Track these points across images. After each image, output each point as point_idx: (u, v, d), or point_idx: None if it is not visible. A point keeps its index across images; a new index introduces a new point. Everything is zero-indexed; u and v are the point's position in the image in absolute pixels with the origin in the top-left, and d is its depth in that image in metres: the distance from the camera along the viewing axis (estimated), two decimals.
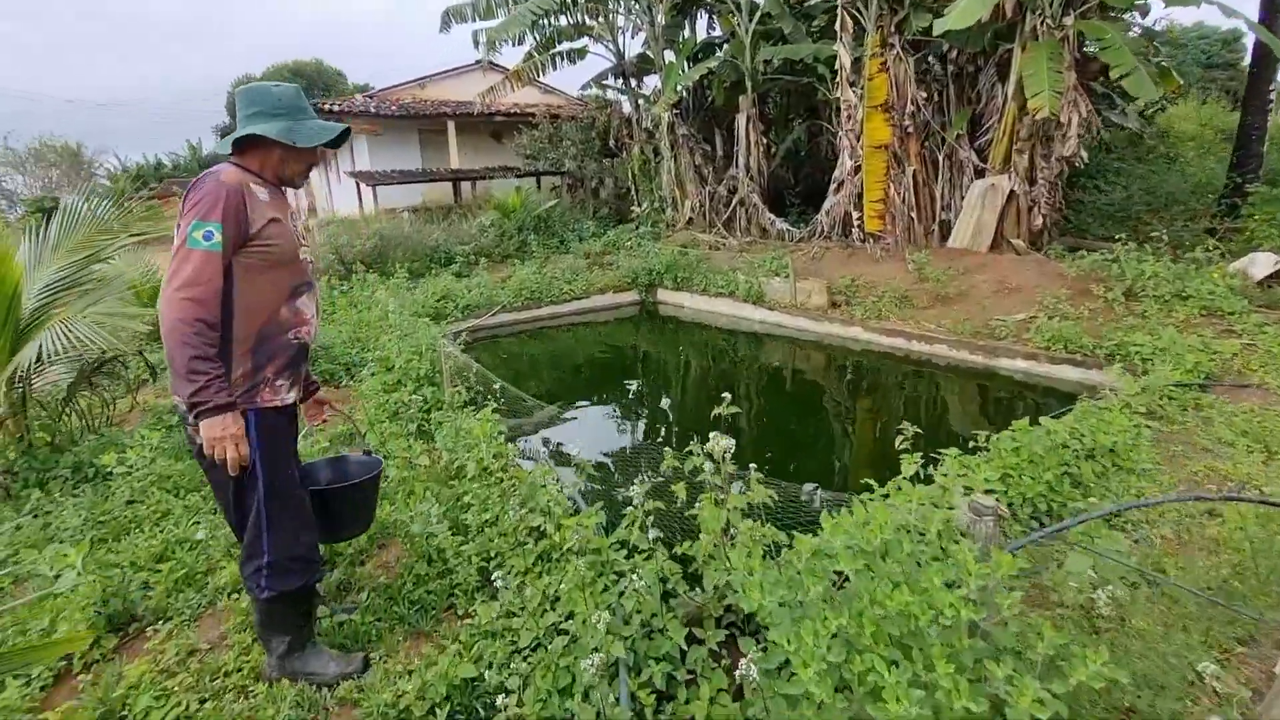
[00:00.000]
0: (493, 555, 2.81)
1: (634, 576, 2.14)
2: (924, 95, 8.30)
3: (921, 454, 2.49)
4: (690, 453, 2.55)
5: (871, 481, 2.84)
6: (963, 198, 8.41)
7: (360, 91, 21.80)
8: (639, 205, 12.48)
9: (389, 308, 5.84)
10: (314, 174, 16.26)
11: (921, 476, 2.53)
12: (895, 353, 6.80)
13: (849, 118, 8.38)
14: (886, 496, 2.72)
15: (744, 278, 8.49)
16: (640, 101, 12.55)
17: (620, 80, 12.93)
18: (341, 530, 2.43)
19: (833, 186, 9.39)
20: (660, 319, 9.41)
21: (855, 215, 8.79)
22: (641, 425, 5.98)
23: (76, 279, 3.87)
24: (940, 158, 8.54)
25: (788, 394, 6.46)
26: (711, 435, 1.91)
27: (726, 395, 2.54)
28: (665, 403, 2.88)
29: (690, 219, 11.64)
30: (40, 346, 3.44)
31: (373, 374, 4.90)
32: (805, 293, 7.71)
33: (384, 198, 14.48)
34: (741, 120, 10.76)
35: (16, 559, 2.94)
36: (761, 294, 8.22)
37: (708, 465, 1.92)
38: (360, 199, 14.35)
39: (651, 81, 13.32)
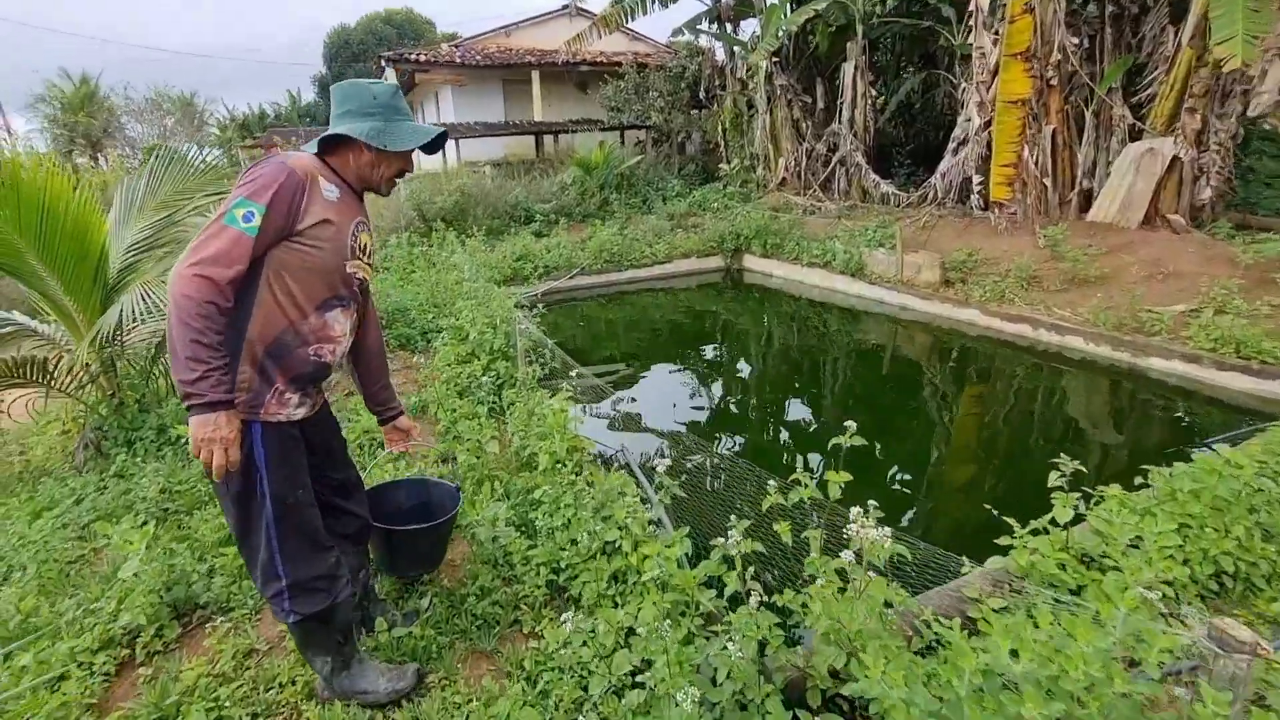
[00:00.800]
0: (562, 567, 2.53)
1: (729, 644, 1.78)
2: (1074, 41, 7.08)
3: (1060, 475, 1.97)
4: (797, 482, 2.16)
5: (1013, 522, 2.34)
6: (1110, 163, 7.22)
7: (448, 40, 21.66)
8: (728, 163, 11.71)
9: (464, 274, 5.62)
10: None
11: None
12: (1018, 342, 5.98)
13: (980, 67, 7.28)
14: (1034, 550, 2.24)
15: (842, 247, 7.75)
16: (736, 49, 11.61)
17: (715, 25, 11.99)
18: (406, 568, 2.28)
19: (951, 146, 8.33)
20: (745, 288, 8.83)
21: (977, 180, 7.76)
22: (720, 400, 5.57)
23: (157, 239, 3.82)
24: (1087, 116, 7.33)
25: (884, 381, 5.83)
26: (853, 512, 1.47)
27: (851, 424, 2.08)
28: (745, 372, 2.46)
29: (784, 179, 10.79)
30: (126, 307, 3.40)
31: (445, 344, 4.70)
32: (913, 267, 6.91)
33: (466, 151, 14.37)
34: (848, 69, 9.72)
35: (96, 527, 2.93)
36: (861, 265, 7.47)
37: (847, 555, 1.48)
38: (443, 152, 14.29)
39: (750, 27, 12.29)
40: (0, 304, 5.83)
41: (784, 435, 4.83)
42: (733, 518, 2.12)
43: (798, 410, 5.25)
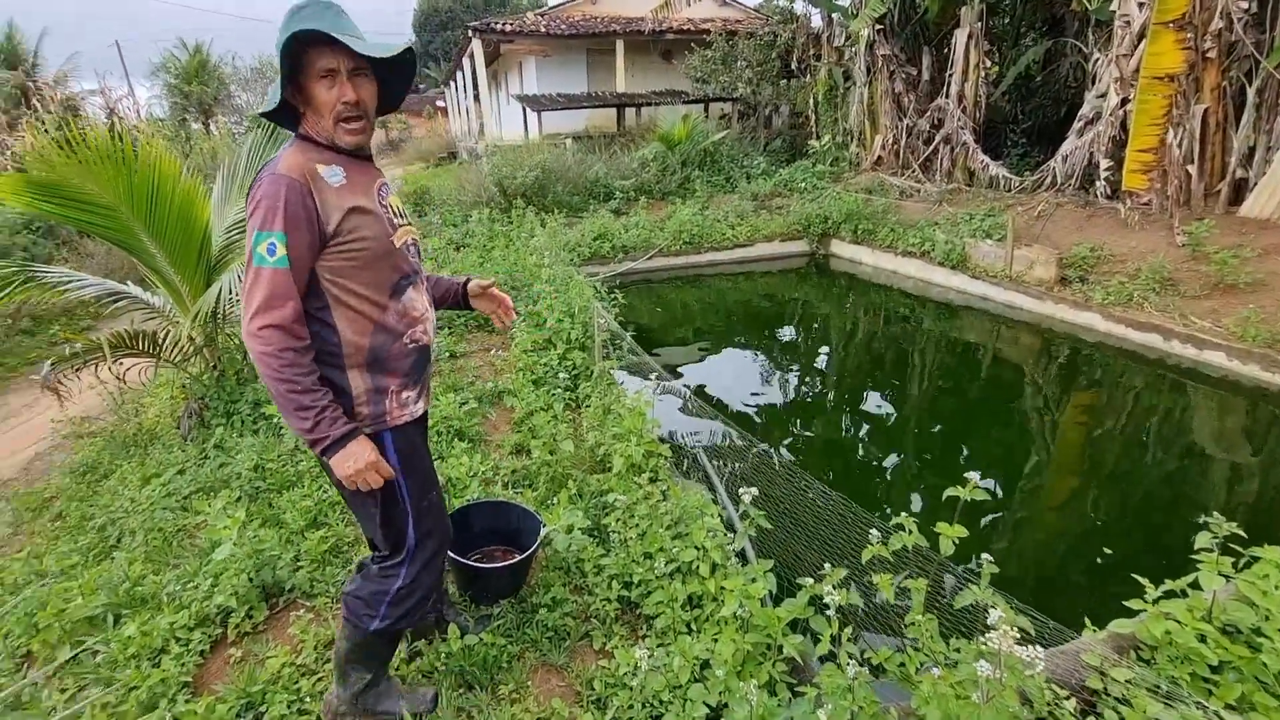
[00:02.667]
0: (635, 582, 2.44)
1: (819, 712, 1.61)
2: (1243, 5, 6.10)
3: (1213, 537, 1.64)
4: (900, 527, 1.95)
5: (1144, 582, 2.03)
6: (1271, 148, 6.25)
7: (534, 8, 21.54)
8: (818, 139, 11.07)
9: (544, 259, 5.54)
10: (484, 94, 16.58)
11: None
12: (1145, 353, 5.33)
13: (1121, 37, 6.42)
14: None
15: (943, 235, 7.16)
16: (835, 15, 10.86)
17: None
18: (485, 598, 2.32)
19: (1077, 125, 7.47)
20: (831, 275, 8.38)
21: (1106, 165, 6.93)
22: (799, 394, 5.30)
23: None
24: (1249, 93, 6.35)
25: (983, 384, 5.36)
26: (992, 615, 1.25)
27: (973, 475, 1.83)
28: (827, 365, 2.24)
29: (880, 158, 10.09)
30: (224, 286, 3.52)
31: (523, 329, 4.66)
32: (1025, 261, 6.29)
33: (548, 123, 14.31)
34: (960, 37, 8.87)
35: (195, 501, 3.08)
36: (964, 257, 6.89)
37: (982, 668, 1.27)
38: (525, 124, 14.30)
39: None
40: (110, 274, 6.29)
41: (868, 438, 4.54)
42: (827, 566, 1.94)
43: (884, 410, 4.91)
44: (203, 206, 3.66)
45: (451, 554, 2.23)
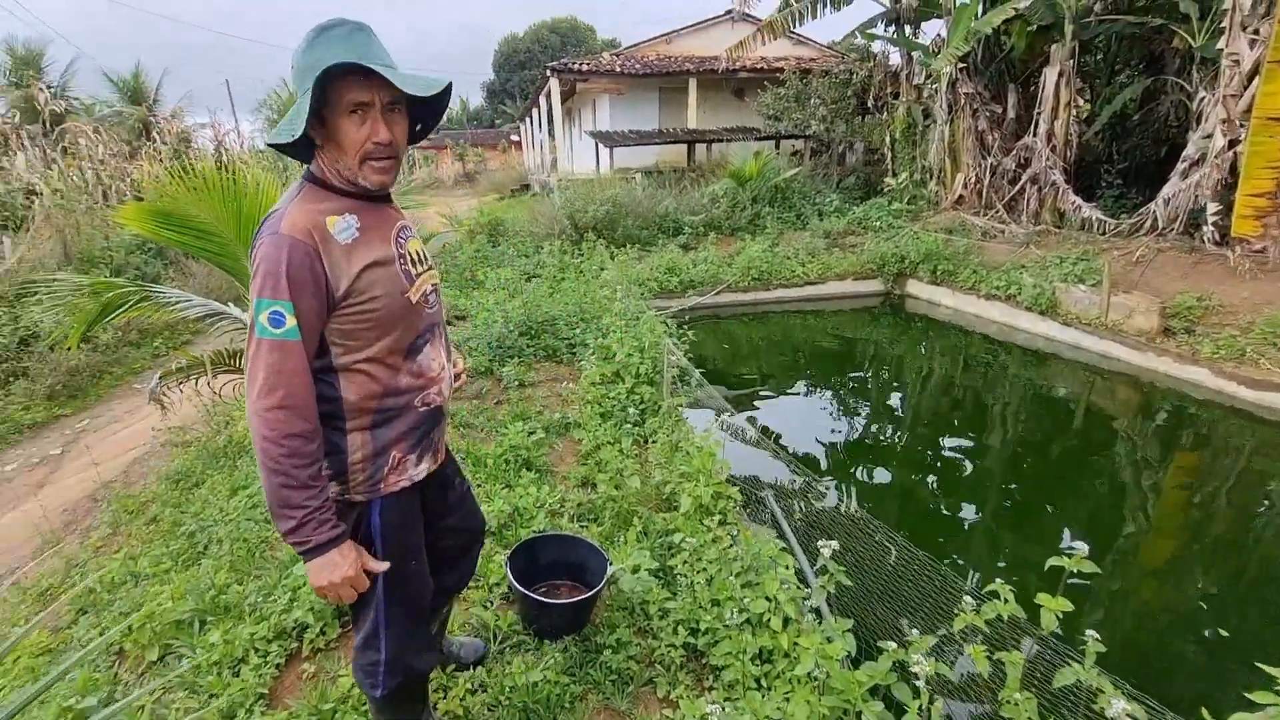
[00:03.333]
0: (702, 629, 2.34)
1: None
2: None
3: None
4: (995, 594, 1.81)
5: (1273, 673, 1.78)
6: None
7: (608, 45, 22.35)
8: (895, 176, 10.86)
9: (615, 293, 5.61)
10: (558, 129, 17.24)
11: None
12: (1262, 415, 4.84)
13: (1230, 76, 6.02)
14: None
15: (1031, 279, 6.81)
16: (914, 54, 10.73)
17: (893, 28, 11.17)
18: (549, 634, 2.30)
19: (1180, 166, 7.01)
20: (907, 316, 8.09)
21: (1213, 209, 6.45)
22: (870, 436, 5.08)
23: None
24: None
25: (1075, 438, 4.98)
26: (1115, 707, 1.12)
27: (1080, 545, 1.67)
28: (900, 409, 2.10)
29: (961, 197, 9.78)
30: None
31: (592, 362, 4.69)
32: (1124, 309, 5.88)
33: (619, 158, 14.67)
34: (1050, 75, 8.55)
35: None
36: (1054, 302, 6.51)
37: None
38: (597, 158, 14.72)
39: (932, 29, 11.34)
40: (209, 293, 6.78)
41: (944, 489, 4.28)
42: (911, 630, 1.81)
43: (963, 460, 4.64)
44: None
45: (518, 584, 2.22)
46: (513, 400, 4.42)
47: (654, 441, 3.80)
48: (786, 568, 2.39)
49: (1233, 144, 6.19)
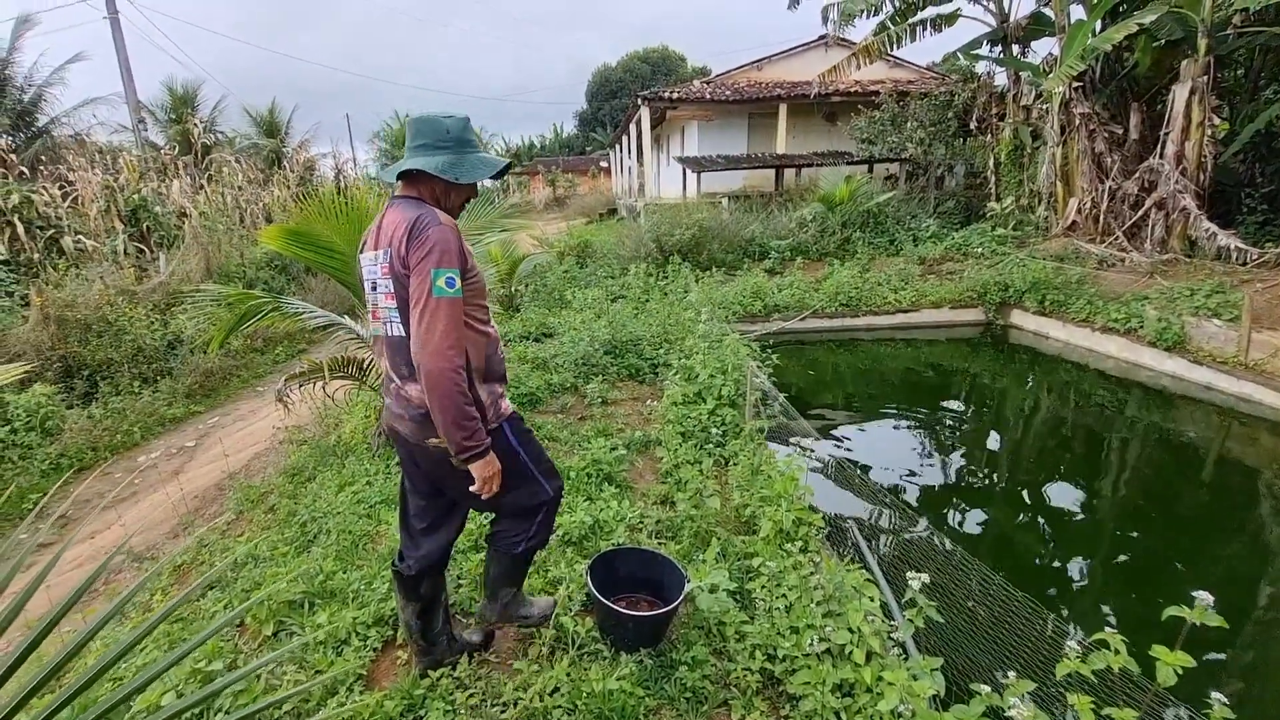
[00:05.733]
0: (779, 655, 2.28)
1: None
2: None
3: None
4: (1104, 644, 1.68)
5: None
6: None
7: (699, 74, 22.72)
8: (999, 201, 10.31)
9: (699, 315, 5.64)
10: (647, 155, 17.58)
11: None
12: None
13: None
14: None
15: (1155, 312, 6.23)
16: (1021, 74, 10.21)
17: (999, 48, 10.71)
18: (627, 645, 2.34)
19: None
20: (1010, 348, 7.60)
21: None
22: (966, 475, 4.77)
23: None
24: None
25: (1206, 488, 4.46)
26: None
27: (1204, 595, 1.51)
28: (1001, 448, 1.96)
29: (1074, 223, 9.13)
30: None
31: (675, 382, 4.73)
32: (1268, 347, 5.25)
33: (705, 183, 14.79)
34: (1181, 93, 7.88)
35: (380, 510, 3.43)
36: (1182, 337, 5.92)
37: None
38: (685, 183, 14.91)
39: (1042, 48, 10.78)
40: (325, 305, 7.40)
41: (1050, 536, 3.95)
42: (1008, 674, 1.69)
43: (1073, 506, 4.27)
44: None
45: (598, 594, 2.26)
46: (596, 416, 4.52)
47: (735, 464, 3.77)
48: (871, 599, 2.29)
49: None
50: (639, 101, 16.12)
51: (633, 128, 18.86)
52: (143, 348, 6.89)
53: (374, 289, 1.82)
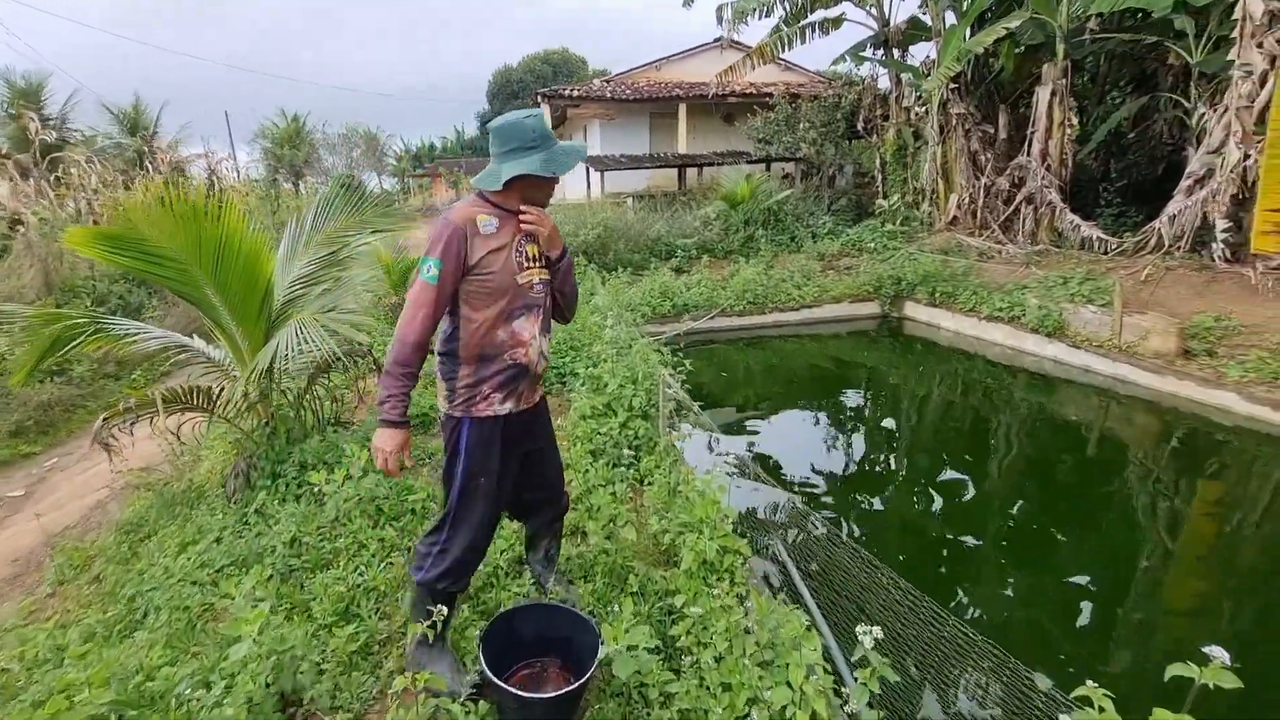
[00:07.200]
0: None
1: None
2: None
3: None
4: (1085, 701, 1.51)
5: None
6: None
7: (599, 76, 22.48)
8: (886, 198, 10.73)
9: (605, 319, 5.31)
10: None
11: None
12: None
13: (1241, 89, 5.88)
14: None
15: (1035, 300, 6.58)
16: (903, 76, 10.69)
17: (881, 51, 11.16)
18: None
19: (1185, 183, 6.86)
20: (905, 339, 7.84)
21: (1223, 226, 6.28)
22: (869, 467, 4.77)
23: (319, 275, 3.85)
24: None
25: (1088, 468, 4.69)
26: None
27: (1219, 652, 1.33)
28: (902, 437, 1.78)
29: (955, 218, 9.63)
30: (281, 343, 3.39)
31: (582, 393, 4.37)
32: (1139, 330, 5.64)
33: (610, 182, 14.54)
34: (1043, 94, 8.47)
35: (224, 582, 2.84)
36: (1061, 324, 6.28)
37: None
38: (588, 183, 14.57)
39: (920, 52, 11.34)
40: (190, 325, 6.46)
41: (947, 519, 3.98)
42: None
43: (967, 493, 4.35)
44: (267, 261, 3.60)
45: (491, 674, 1.87)
46: None
47: (650, 483, 3.47)
48: (814, 649, 2.04)
49: (1245, 157, 6.02)
50: (539, 99, 15.61)
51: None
52: None
53: None
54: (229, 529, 3.21)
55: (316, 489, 3.20)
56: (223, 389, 3.66)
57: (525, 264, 1.95)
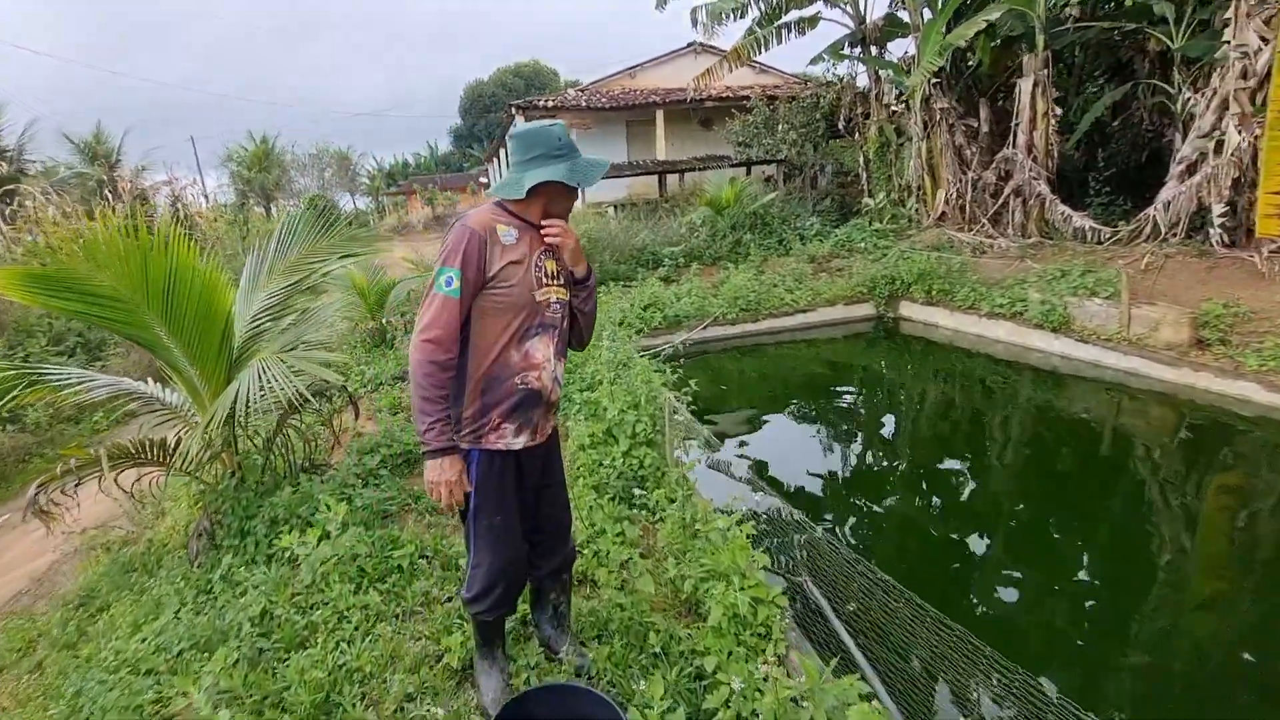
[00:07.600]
0: None
1: None
2: None
3: None
4: None
5: None
6: None
7: (572, 86, 22.26)
8: (871, 196, 10.58)
9: (600, 337, 5.00)
10: None
11: None
12: None
13: (1238, 70, 5.76)
14: None
15: (1037, 295, 6.40)
16: (882, 73, 10.56)
17: (859, 49, 11.04)
18: None
19: (1177, 169, 6.75)
20: (903, 339, 7.63)
21: (1219, 210, 6.15)
22: (880, 475, 4.51)
23: (285, 306, 3.50)
24: None
25: (1104, 466, 4.49)
26: None
27: None
28: (908, 442, 1.53)
29: (943, 213, 9.49)
30: (243, 386, 3.03)
31: (579, 420, 4.05)
32: (1148, 321, 5.46)
33: (590, 192, 14.26)
34: (1025, 86, 8.37)
35: (186, 657, 2.47)
36: (1066, 319, 6.09)
37: None
38: None
39: (898, 49, 11.24)
40: (150, 366, 6.02)
41: (974, 528, 3.73)
42: None
43: (988, 497, 4.15)
44: (225, 294, 3.25)
45: None
46: None
47: (661, 519, 3.16)
48: (870, 706, 1.74)
49: (1243, 143, 5.89)
50: (513, 111, 15.31)
51: (509, 140, 17.97)
52: None
53: None
54: (189, 603, 2.83)
55: (290, 551, 2.84)
56: (179, 439, 3.29)
57: (544, 280, 1.81)
